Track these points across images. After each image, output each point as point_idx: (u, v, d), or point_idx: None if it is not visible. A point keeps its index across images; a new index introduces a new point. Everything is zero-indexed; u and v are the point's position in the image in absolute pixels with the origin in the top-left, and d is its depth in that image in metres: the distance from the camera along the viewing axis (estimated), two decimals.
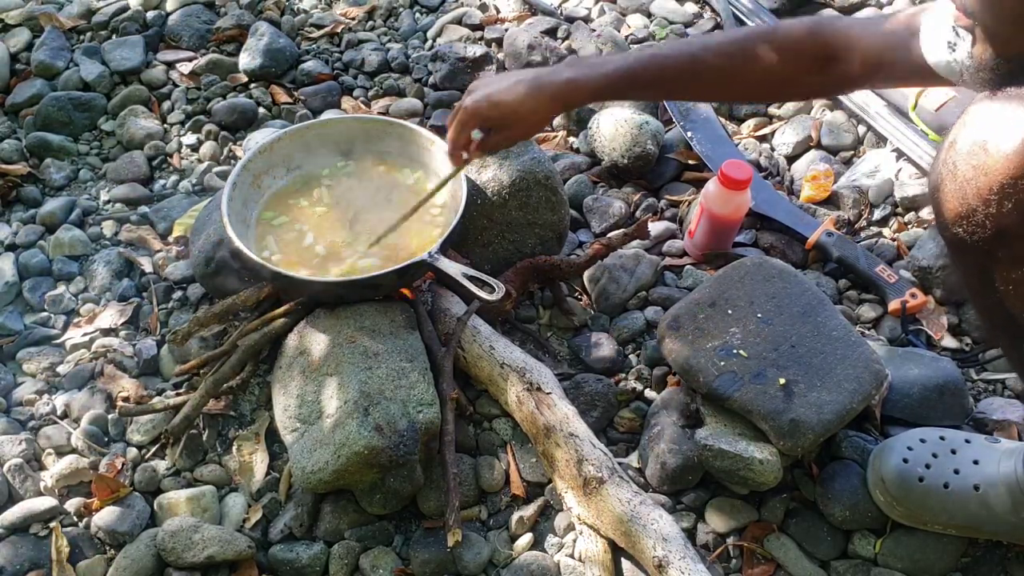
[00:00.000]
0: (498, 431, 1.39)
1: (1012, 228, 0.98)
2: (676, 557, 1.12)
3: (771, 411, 1.24)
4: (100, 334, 1.54)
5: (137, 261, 1.65)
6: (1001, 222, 0.98)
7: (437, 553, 1.24)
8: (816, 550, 1.26)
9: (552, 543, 1.28)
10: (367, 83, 2.01)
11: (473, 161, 1.35)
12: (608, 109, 1.81)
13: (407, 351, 1.34)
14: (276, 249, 1.46)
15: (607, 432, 1.39)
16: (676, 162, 1.78)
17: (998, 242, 1.00)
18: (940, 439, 1.24)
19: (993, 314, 1.18)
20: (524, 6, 2.18)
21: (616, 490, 1.19)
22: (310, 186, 1.56)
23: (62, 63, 2.00)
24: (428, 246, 1.35)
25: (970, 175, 0.97)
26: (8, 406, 1.45)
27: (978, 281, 1.10)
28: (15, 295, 1.62)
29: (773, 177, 1.77)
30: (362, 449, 1.22)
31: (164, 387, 1.47)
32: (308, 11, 2.19)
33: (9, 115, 1.95)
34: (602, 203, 1.70)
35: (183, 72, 2.01)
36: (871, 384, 1.28)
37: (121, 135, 1.89)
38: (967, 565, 1.24)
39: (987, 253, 1.03)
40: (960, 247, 1.06)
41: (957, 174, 0.99)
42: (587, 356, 1.47)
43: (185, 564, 1.23)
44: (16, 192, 1.80)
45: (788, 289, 1.38)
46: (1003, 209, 0.97)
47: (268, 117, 1.93)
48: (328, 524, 1.29)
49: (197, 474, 1.36)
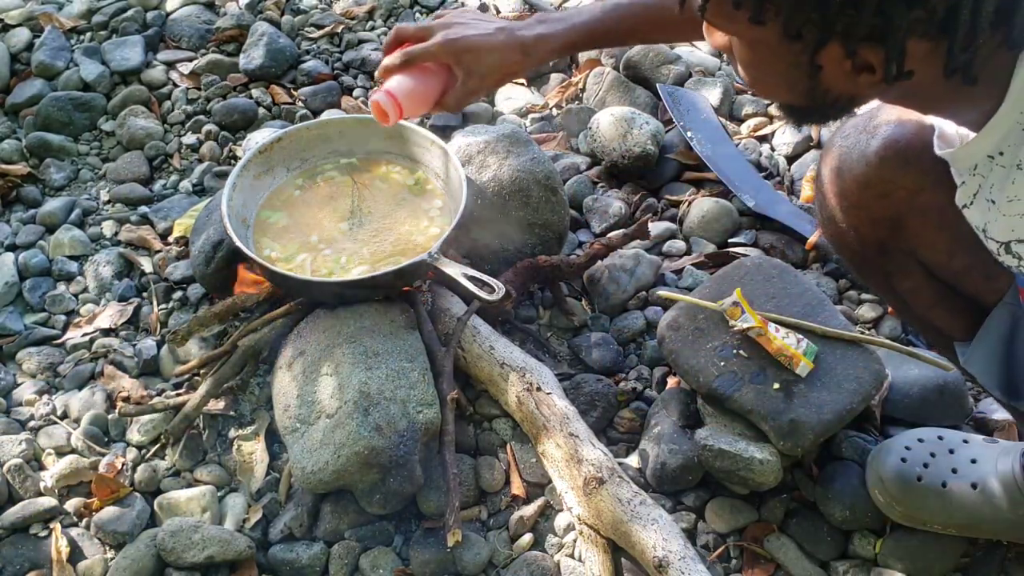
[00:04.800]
0: (498, 431, 1.39)
1: (889, 242, 1.09)
2: (676, 557, 1.12)
3: (771, 411, 1.24)
4: (100, 334, 1.54)
5: (137, 261, 1.65)
6: (873, 238, 1.09)
7: (437, 553, 1.24)
8: (816, 550, 1.26)
9: (552, 543, 1.28)
10: (367, 83, 2.01)
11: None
12: (608, 109, 1.81)
13: (407, 351, 1.34)
14: (276, 249, 1.46)
15: (607, 432, 1.39)
16: (676, 162, 1.78)
17: (883, 257, 1.10)
18: (938, 439, 1.24)
19: (914, 322, 1.24)
20: (524, 6, 2.18)
21: (616, 490, 1.19)
22: (310, 186, 1.56)
23: (62, 63, 2.00)
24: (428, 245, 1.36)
25: (834, 201, 1.08)
26: (8, 406, 1.45)
27: (887, 293, 1.18)
28: (15, 295, 1.62)
29: (773, 177, 1.77)
30: (362, 449, 1.22)
31: (164, 387, 1.47)
32: (308, 11, 2.19)
33: (9, 115, 1.95)
34: (602, 203, 1.70)
35: (183, 72, 2.01)
36: (871, 384, 1.28)
37: (121, 135, 1.89)
38: (967, 565, 1.24)
39: (878, 267, 1.13)
40: (856, 267, 1.15)
41: (825, 201, 1.11)
42: (587, 356, 1.47)
43: (185, 564, 1.23)
44: (16, 192, 1.80)
45: (788, 289, 1.38)
46: (870, 227, 1.08)
47: (268, 117, 1.93)
48: (328, 524, 1.29)
49: (197, 474, 1.36)
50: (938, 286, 1.10)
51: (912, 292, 1.13)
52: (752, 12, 0.76)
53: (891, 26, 0.72)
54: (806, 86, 0.81)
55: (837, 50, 0.76)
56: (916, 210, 1.03)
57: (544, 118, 1.91)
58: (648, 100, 1.89)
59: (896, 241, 1.07)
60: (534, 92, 2.00)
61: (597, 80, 1.92)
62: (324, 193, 1.55)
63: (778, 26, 0.76)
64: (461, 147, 1.55)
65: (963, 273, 1.06)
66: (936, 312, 1.13)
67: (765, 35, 0.77)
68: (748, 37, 0.81)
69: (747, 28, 0.78)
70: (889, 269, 1.12)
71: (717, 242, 1.66)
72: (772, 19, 0.75)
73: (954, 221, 0.93)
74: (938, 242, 1.05)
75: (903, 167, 1.01)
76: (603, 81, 1.91)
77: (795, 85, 0.82)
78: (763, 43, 0.79)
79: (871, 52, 0.75)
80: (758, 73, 0.86)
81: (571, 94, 1.95)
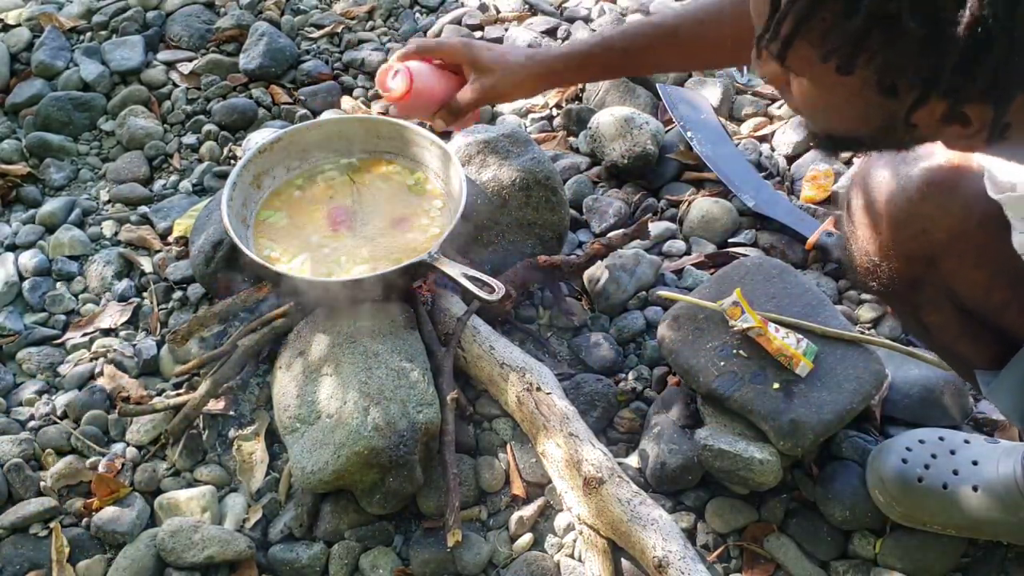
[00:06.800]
0: (498, 431, 1.39)
1: (918, 278, 1.03)
2: (676, 557, 1.12)
3: (771, 411, 1.24)
4: (100, 334, 1.54)
5: (137, 261, 1.65)
6: (906, 274, 1.03)
7: (437, 553, 1.24)
8: (816, 550, 1.26)
9: (552, 543, 1.28)
10: (367, 83, 2.01)
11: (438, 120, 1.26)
12: (608, 109, 1.81)
13: (407, 351, 1.34)
14: (276, 249, 1.46)
15: (607, 432, 1.39)
16: (676, 162, 1.78)
17: (913, 290, 1.05)
18: (939, 439, 1.24)
19: (936, 349, 1.21)
20: (524, 6, 2.18)
21: (616, 490, 1.19)
22: (310, 186, 1.56)
23: (62, 63, 2.00)
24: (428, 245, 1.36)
25: (868, 235, 1.03)
26: (8, 406, 1.45)
27: (913, 324, 1.14)
28: (15, 295, 1.62)
29: (773, 177, 1.77)
30: (362, 449, 1.22)
31: (164, 387, 1.47)
32: (308, 11, 2.19)
33: (9, 115, 1.95)
34: (602, 203, 1.70)
35: (183, 72, 2.01)
36: (871, 384, 1.28)
37: (121, 135, 1.89)
38: (967, 565, 1.24)
39: (907, 300, 1.08)
40: (884, 298, 1.10)
41: (857, 235, 1.06)
42: (587, 356, 1.47)
43: (185, 564, 1.23)
44: (16, 192, 1.80)
45: (788, 289, 1.38)
46: (903, 264, 1.02)
47: (268, 117, 1.93)
48: (328, 524, 1.29)
49: (197, 474, 1.36)
50: (966, 318, 1.05)
51: (939, 325, 1.09)
52: (841, 64, 0.69)
53: (1007, 85, 0.66)
54: (880, 126, 0.75)
55: (937, 106, 0.69)
56: (954, 249, 0.98)
57: (544, 118, 1.91)
58: (648, 100, 1.89)
59: (930, 277, 1.03)
60: None
61: None
62: (324, 194, 1.55)
63: (869, 76, 0.69)
64: (461, 147, 1.55)
65: (1000, 308, 1.02)
66: (962, 343, 1.09)
67: (850, 82, 0.70)
68: (827, 82, 0.73)
69: (829, 75, 0.71)
70: (918, 302, 1.07)
71: (717, 242, 1.66)
72: (862, 69, 0.69)
73: (994, 258, 0.91)
74: (976, 280, 1.00)
75: (945, 206, 0.96)
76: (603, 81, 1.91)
77: (868, 122, 0.76)
78: (843, 87, 0.72)
79: (977, 109, 0.69)
80: (825, 111, 0.79)
81: (571, 94, 1.95)
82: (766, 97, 1.95)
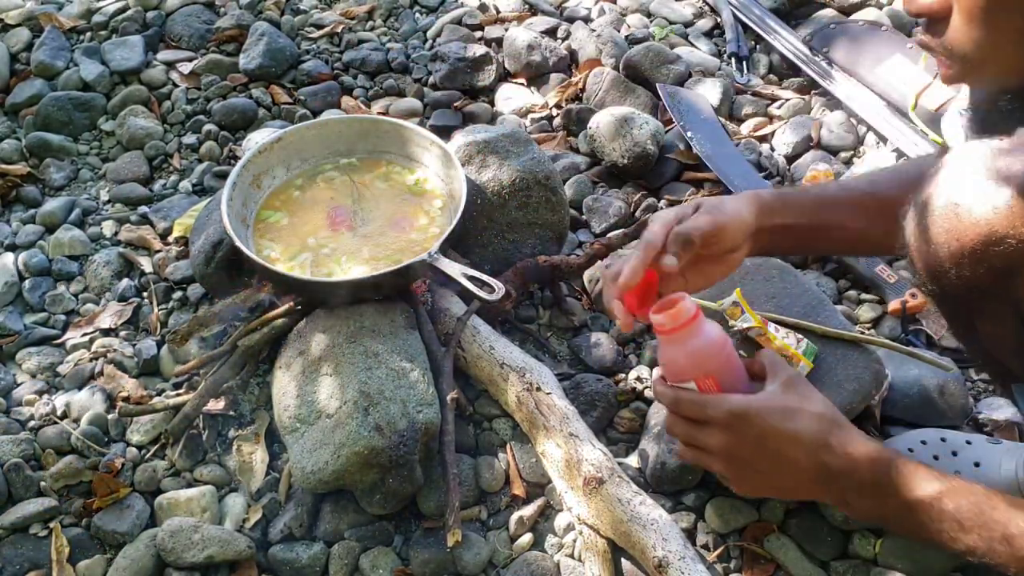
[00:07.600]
0: (498, 431, 1.39)
1: (987, 287, 0.97)
2: (676, 557, 1.12)
3: None
4: (100, 334, 1.54)
5: (137, 261, 1.65)
6: (975, 283, 0.97)
7: (437, 553, 1.24)
8: (816, 550, 1.26)
9: (552, 543, 1.28)
10: (367, 83, 2.01)
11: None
12: (608, 109, 1.81)
13: (407, 351, 1.34)
14: (276, 249, 1.46)
15: (607, 432, 1.39)
16: (676, 162, 1.78)
17: (975, 298, 1.00)
18: (941, 440, 1.24)
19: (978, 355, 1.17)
20: (524, 6, 2.18)
21: (616, 490, 1.19)
22: (310, 186, 1.56)
23: (62, 63, 2.00)
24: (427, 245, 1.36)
25: (942, 238, 0.97)
26: (8, 406, 1.45)
27: (961, 328, 1.09)
28: (15, 295, 1.62)
29: (773, 177, 1.77)
30: (362, 449, 1.22)
31: (164, 387, 1.47)
32: (308, 11, 2.19)
33: (9, 115, 1.95)
34: (602, 203, 1.70)
35: (183, 72, 2.01)
36: (871, 384, 1.28)
37: (121, 135, 1.89)
38: (967, 565, 1.24)
39: (966, 306, 1.02)
40: (938, 300, 1.06)
41: (930, 235, 0.99)
42: (587, 356, 1.47)
43: (185, 564, 1.23)
44: (16, 192, 1.80)
45: (788, 289, 1.38)
46: (976, 272, 0.96)
47: (268, 117, 1.93)
48: (328, 524, 1.29)
49: (197, 474, 1.36)
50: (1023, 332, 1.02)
51: (995, 336, 1.04)
52: None
53: None
54: None
55: None
56: None
57: (544, 118, 1.91)
58: (648, 100, 1.89)
59: (1000, 289, 0.98)
60: (534, 92, 2.00)
61: (597, 80, 1.92)
62: (324, 193, 1.55)
63: None
64: (461, 147, 1.55)
65: None
66: (1015, 357, 1.05)
67: None
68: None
69: None
70: (980, 309, 1.03)
71: None
72: None
73: None
74: None
75: None
76: (603, 81, 1.91)
77: None
78: None
79: None
80: (994, 33, 0.77)
81: (571, 94, 1.95)
82: (766, 97, 1.95)
